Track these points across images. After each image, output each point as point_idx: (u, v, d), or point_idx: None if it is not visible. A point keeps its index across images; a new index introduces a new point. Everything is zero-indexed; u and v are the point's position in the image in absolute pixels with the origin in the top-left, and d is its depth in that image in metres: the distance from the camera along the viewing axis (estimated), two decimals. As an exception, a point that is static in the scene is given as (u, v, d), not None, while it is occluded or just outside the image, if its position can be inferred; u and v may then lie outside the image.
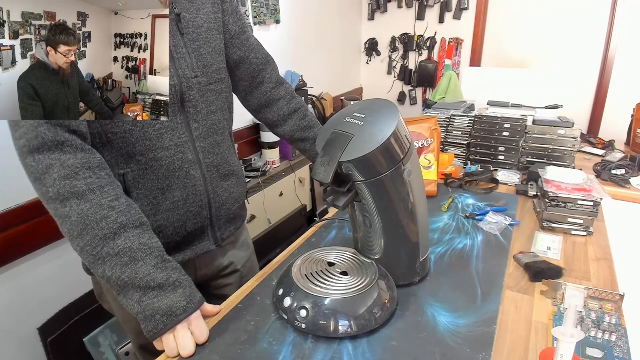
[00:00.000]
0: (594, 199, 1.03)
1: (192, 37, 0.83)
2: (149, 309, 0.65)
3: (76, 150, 0.68)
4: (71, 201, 0.65)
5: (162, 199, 0.81)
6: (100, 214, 0.66)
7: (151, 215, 0.80)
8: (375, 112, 0.72)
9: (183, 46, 0.81)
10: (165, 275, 0.68)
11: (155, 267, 0.67)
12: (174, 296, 0.67)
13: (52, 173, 0.65)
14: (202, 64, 0.84)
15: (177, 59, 0.80)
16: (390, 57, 3.48)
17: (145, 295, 0.66)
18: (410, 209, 0.76)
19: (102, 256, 0.66)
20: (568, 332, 0.56)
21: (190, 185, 0.83)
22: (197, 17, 0.84)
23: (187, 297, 0.68)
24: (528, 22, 3.00)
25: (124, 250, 0.66)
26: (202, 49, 0.85)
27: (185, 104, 0.81)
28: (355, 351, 0.67)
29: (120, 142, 0.75)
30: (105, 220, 0.66)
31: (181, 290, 0.68)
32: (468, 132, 1.58)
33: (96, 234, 0.65)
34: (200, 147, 0.84)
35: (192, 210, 0.85)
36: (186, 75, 0.81)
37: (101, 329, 1.43)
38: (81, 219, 0.65)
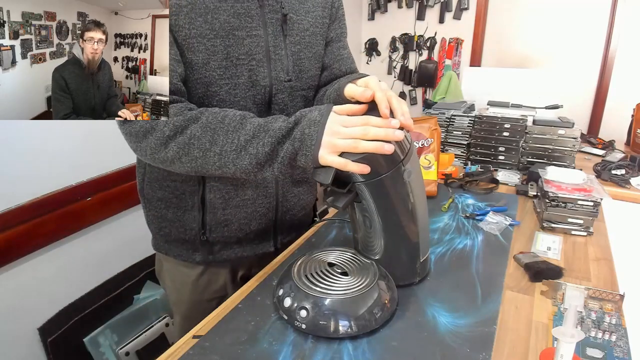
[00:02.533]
0: (594, 199, 1.03)
1: (295, 39, 0.82)
2: (297, 134, 0.65)
3: (176, 101, 0.71)
4: (190, 126, 0.67)
5: (234, 195, 0.83)
6: (220, 115, 0.68)
7: (220, 208, 0.83)
8: (375, 112, 0.71)
9: (283, 47, 0.80)
10: (294, 118, 0.67)
11: (284, 120, 0.68)
12: (309, 114, 0.67)
13: (159, 125, 0.68)
14: (299, 68, 0.84)
15: (273, 60, 0.79)
16: (390, 57, 3.48)
17: (288, 137, 0.66)
18: (410, 209, 0.76)
19: (242, 144, 0.66)
20: (568, 332, 0.56)
21: (262, 186, 0.86)
22: (304, 20, 0.83)
23: (318, 109, 0.67)
24: (528, 22, 3.00)
25: (257, 128, 0.67)
26: (302, 52, 0.84)
27: (272, 106, 0.82)
28: (355, 351, 0.67)
29: None
30: (227, 117, 0.68)
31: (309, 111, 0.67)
32: (468, 132, 1.58)
33: (227, 129, 0.67)
34: None
35: (260, 210, 0.87)
36: (279, 77, 0.81)
37: (101, 329, 1.43)
38: (206, 129, 0.67)
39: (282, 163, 0.67)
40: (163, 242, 0.93)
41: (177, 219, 0.85)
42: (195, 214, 0.84)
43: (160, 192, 0.86)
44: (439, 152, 1.33)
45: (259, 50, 0.77)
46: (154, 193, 0.88)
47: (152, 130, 0.69)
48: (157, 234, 0.94)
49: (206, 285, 0.93)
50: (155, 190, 0.88)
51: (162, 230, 0.91)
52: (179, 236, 0.87)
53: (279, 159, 0.67)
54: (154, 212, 0.90)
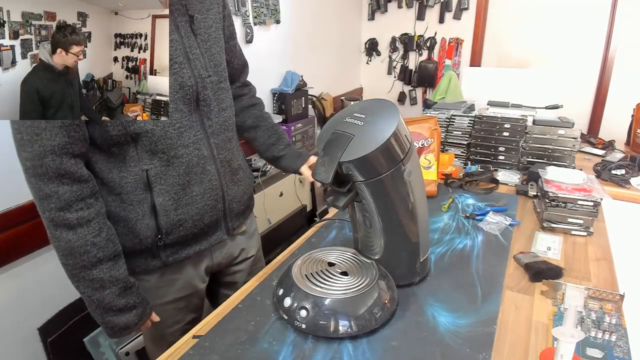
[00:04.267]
0: (594, 199, 1.03)
1: (204, 37, 0.86)
2: (110, 324, 0.81)
3: (72, 182, 0.74)
4: (61, 229, 0.75)
5: (182, 194, 0.85)
6: (84, 248, 0.76)
7: (172, 210, 0.84)
8: (375, 112, 0.72)
9: (196, 47, 0.84)
10: (125, 301, 0.80)
11: (118, 295, 0.79)
12: (129, 315, 0.81)
13: (50, 202, 0.73)
14: (213, 63, 0.88)
15: (192, 60, 0.83)
16: (390, 57, 3.48)
17: (107, 314, 0.80)
18: (410, 209, 0.76)
19: (79, 278, 0.77)
20: (568, 332, 0.56)
21: (207, 180, 0.87)
22: (207, 18, 0.87)
23: (138, 316, 0.82)
24: (528, 22, 3.00)
25: (97, 279, 0.77)
26: (212, 48, 0.88)
27: (199, 103, 0.85)
28: (355, 351, 0.67)
29: (144, 140, 0.79)
30: (87, 254, 0.76)
31: (135, 311, 0.82)
32: (468, 132, 1.58)
33: (77, 262, 0.76)
34: (214, 143, 0.88)
35: (209, 203, 0.89)
36: (201, 75, 0.84)
37: (101, 329, 1.43)
38: (68, 246, 0.75)
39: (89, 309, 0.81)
40: None
41: (130, 231, 0.84)
42: (148, 222, 0.83)
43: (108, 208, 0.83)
44: (439, 152, 1.33)
45: (179, 53, 0.80)
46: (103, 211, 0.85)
47: (42, 205, 0.74)
48: None
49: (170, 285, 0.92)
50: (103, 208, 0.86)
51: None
52: (134, 248, 0.85)
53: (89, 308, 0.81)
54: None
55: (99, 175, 0.81)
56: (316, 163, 0.72)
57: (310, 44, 2.84)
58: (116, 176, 0.80)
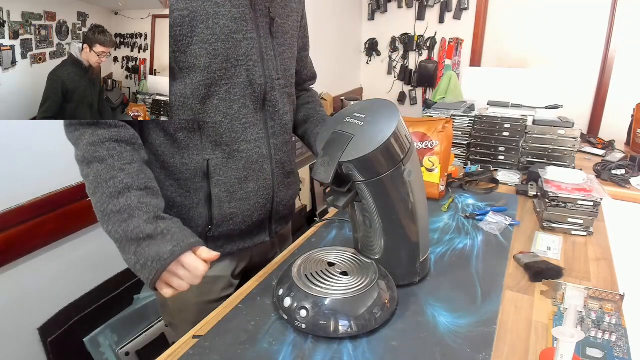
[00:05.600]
0: (594, 199, 1.03)
1: (280, 41, 0.89)
2: (142, 257, 0.69)
3: (109, 126, 0.74)
4: (93, 164, 0.71)
5: (238, 188, 0.86)
6: (110, 174, 0.71)
7: (226, 202, 0.86)
8: (375, 112, 0.72)
9: (272, 49, 0.87)
10: (153, 227, 0.70)
11: (146, 222, 0.70)
12: (162, 242, 0.69)
13: (84, 139, 0.72)
14: (284, 67, 0.91)
15: (266, 60, 0.85)
16: (390, 57, 3.48)
17: (139, 247, 0.69)
18: (410, 209, 0.76)
19: (107, 213, 0.70)
20: (568, 332, 0.56)
21: (262, 178, 0.89)
22: (286, 23, 0.91)
23: (174, 242, 0.70)
24: (528, 22, 3.00)
25: (124, 207, 0.70)
26: (285, 53, 0.91)
27: (266, 103, 0.87)
28: (355, 351, 0.67)
29: (211, 131, 0.82)
30: (113, 180, 0.71)
31: (169, 237, 0.70)
32: (468, 132, 1.58)
33: (104, 191, 0.70)
34: (273, 143, 0.91)
35: (260, 202, 0.91)
36: (272, 76, 0.87)
37: (101, 329, 1.43)
38: (95, 178, 0.71)
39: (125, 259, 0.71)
40: None
41: (182, 218, 0.83)
42: (202, 210, 0.86)
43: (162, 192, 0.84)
44: (449, 155, 1.29)
45: (254, 51, 0.83)
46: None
47: (77, 145, 0.74)
48: None
49: (212, 283, 0.93)
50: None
51: None
52: None
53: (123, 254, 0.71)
54: None
55: (161, 159, 0.84)
56: (316, 163, 0.72)
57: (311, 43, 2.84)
58: (178, 162, 0.83)
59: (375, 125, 0.69)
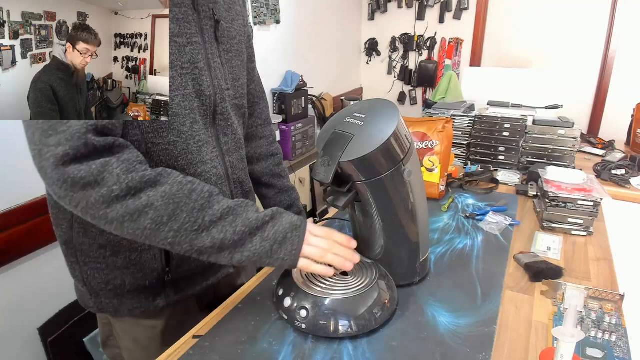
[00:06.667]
0: (594, 199, 1.03)
1: (227, 47, 0.80)
2: (278, 235, 0.65)
3: (124, 148, 0.62)
4: (146, 190, 0.59)
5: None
6: (187, 188, 0.62)
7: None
8: (375, 112, 0.72)
9: (218, 55, 0.77)
10: (265, 211, 0.68)
11: (256, 211, 0.67)
12: (286, 215, 0.68)
13: (112, 170, 0.58)
14: (232, 76, 0.81)
15: (213, 69, 0.76)
16: (390, 57, 3.48)
17: (265, 232, 0.65)
18: (410, 209, 0.76)
19: (206, 226, 0.62)
20: (568, 332, 0.56)
21: None
22: (232, 27, 0.81)
23: (292, 214, 0.70)
24: (528, 22, 3.00)
25: (225, 211, 0.64)
26: (233, 61, 0.81)
27: (216, 117, 0.77)
28: (355, 351, 0.67)
29: (162, 155, 0.69)
30: (195, 192, 0.62)
31: (285, 213, 0.69)
32: (468, 132, 1.58)
33: (192, 207, 0.61)
34: (229, 162, 0.81)
35: None
36: (221, 86, 0.77)
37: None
38: (168, 200, 0.60)
39: (247, 256, 0.64)
40: (111, 298, 0.77)
41: (132, 263, 0.73)
42: (156, 252, 0.73)
43: (103, 237, 0.72)
44: (449, 155, 1.28)
45: (200, 58, 0.73)
46: (92, 241, 0.73)
47: (98, 184, 0.57)
48: (101, 290, 0.76)
49: (177, 329, 0.80)
50: (93, 237, 0.72)
51: (111, 283, 0.75)
52: (136, 284, 0.74)
53: (245, 252, 0.64)
54: (95, 264, 0.74)
55: None
56: (316, 163, 0.72)
57: (310, 44, 2.84)
58: None
59: (375, 125, 0.69)
